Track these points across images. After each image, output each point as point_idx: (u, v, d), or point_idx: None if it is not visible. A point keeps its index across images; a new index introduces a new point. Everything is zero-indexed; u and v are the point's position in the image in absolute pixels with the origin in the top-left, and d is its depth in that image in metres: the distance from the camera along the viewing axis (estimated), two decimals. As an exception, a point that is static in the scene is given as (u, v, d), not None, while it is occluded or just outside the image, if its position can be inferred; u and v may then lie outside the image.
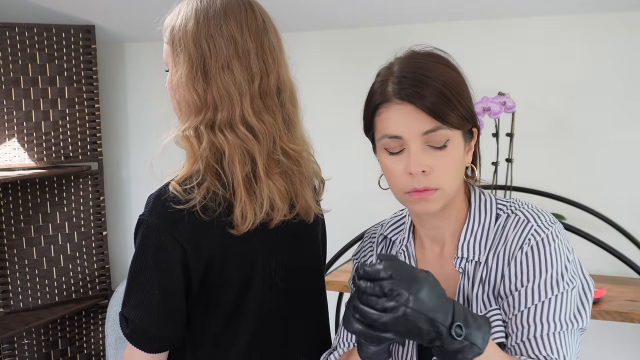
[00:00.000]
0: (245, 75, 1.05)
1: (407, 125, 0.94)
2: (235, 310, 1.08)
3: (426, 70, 0.95)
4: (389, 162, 0.98)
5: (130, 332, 1.04)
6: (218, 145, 1.04)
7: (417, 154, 0.94)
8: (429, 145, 0.95)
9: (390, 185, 1.01)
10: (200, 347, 1.09)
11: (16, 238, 2.67)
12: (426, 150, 0.95)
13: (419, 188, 0.96)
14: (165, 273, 1.02)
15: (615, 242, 1.96)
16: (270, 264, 1.10)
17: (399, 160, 0.96)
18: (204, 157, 1.04)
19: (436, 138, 0.95)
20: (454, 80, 0.97)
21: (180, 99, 1.08)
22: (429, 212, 0.98)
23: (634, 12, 2.11)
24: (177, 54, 1.07)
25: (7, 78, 2.56)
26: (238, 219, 1.03)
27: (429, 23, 2.34)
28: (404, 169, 0.96)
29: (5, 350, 2.64)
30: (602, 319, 1.78)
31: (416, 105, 0.93)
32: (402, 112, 0.94)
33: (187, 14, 1.07)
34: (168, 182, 1.05)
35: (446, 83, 0.95)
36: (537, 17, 2.22)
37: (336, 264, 2.28)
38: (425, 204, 0.97)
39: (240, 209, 1.04)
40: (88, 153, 2.74)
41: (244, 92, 1.04)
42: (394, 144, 0.96)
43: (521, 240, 0.99)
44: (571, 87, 2.20)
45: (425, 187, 0.96)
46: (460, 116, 0.96)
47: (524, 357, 0.94)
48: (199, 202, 1.01)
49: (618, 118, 2.17)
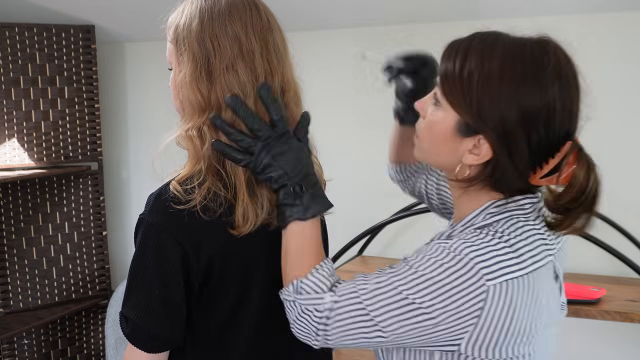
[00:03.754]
0: (249, 75, 1.04)
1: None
2: (235, 310, 1.08)
3: (477, 41, 0.95)
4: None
5: (130, 331, 1.04)
6: None
7: (429, 94, 1.00)
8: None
9: None
10: (201, 347, 1.09)
11: (16, 238, 2.67)
12: (432, 99, 0.99)
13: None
14: (165, 273, 1.02)
15: (615, 242, 1.96)
16: (270, 264, 1.10)
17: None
18: (206, 157, 1.04)
19: (436, 92, 0.97)
20: (485, 60, 0.92)
21: (184, 98, 1.07)
22: (416, 157, 1.06)
23: (634, 12, 2.11)
24: (181, 53, 1.06)
25: (7, 78, 2.56)
26: (240, 220, 1.03)
27: (428, 23, 2.34)
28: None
29: (5, 351, 2.64)
30: (602, 319, 1.78)
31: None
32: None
33: (192, 13, 1.06)
34: (169, 181, 1.05)
35: (472, 56, 0.93)
36: (536, 17, 2.22)
37: (336, 263, 2.28)
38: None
39: (242, 210, 1.03)
40: (88, 153, 2.74)
41: (248, 93, 1.04)
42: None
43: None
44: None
45: (415, 131, 1.03)
46: (456, 96, 0.93)
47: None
48: (199, 202, 1.01)
49: (618, 118, 2.16)
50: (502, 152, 0.92)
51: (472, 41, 0.94)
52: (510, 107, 0.90)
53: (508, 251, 0.91)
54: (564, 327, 2.49)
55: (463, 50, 0.93)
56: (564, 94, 0.93)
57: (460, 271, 0.89)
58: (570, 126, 0.95)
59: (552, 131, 0.93)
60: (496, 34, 0.95)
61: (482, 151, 0.93)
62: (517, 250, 0.92)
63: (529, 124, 0.91)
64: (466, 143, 0.94)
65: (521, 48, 0.92)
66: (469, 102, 0.92)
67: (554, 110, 0.92)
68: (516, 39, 0.95)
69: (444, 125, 0.95)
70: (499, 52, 0.92)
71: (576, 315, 1.80)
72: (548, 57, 0.93)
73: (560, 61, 0.94)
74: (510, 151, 0.92)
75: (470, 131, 0.93)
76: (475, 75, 0.91)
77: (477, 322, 0.90)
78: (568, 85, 0.94)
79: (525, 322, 0.93)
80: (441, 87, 0.95)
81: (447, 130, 0.95)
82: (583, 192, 0.93)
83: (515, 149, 0.92)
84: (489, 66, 0.91)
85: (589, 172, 0.93)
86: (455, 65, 0.93)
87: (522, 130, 0.91)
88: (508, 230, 0.94)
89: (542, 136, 0.92)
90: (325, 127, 1.59)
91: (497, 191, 0.98)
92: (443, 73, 0.95)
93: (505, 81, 0.90)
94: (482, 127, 0.92)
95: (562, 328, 2.52)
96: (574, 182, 0.93)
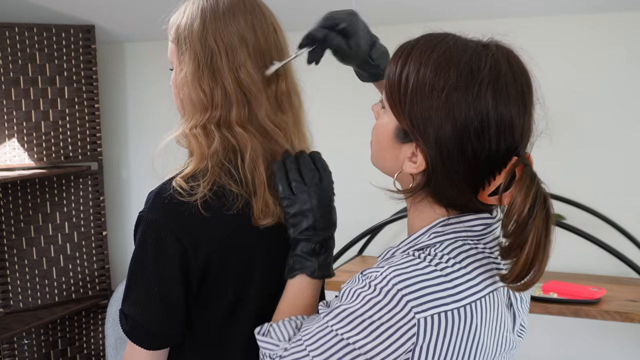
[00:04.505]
0: (259, 75, 1.06)
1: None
2: (235, 307, 1.08)
3: (419, 44, 0.90)
4: None
5: (129, 329, 1.04)
6: (234, 143, 1.05)
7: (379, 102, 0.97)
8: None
9: None
10: (201, 344, 1.09)
11: (16, 238, 2.67)
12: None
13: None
14: (165, 270, 1.02)
15: (615, 242, 1.96)
16: (269, 262, 1.10)
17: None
18: (214, 155, 1.05)
19: (383, 96, 0.94)
20: (422, 63, 0.87)
21: (185, 97, 1.08)
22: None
23: (634, 12, 2.11)
24: (182, 53, 1.07)
25: (7, 78, 2.56)
26: (259, 213, 1.05)
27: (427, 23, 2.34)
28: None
29: (5, 351, 2.64)
30: (602, 319, 1.78)
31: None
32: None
33: (193, 13, 1.07)
34: (169, 179, 1.05)
35: (412, 58, 0.88)
36: (536, 17, 2.22)
37: (336, 263, 2.28)
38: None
39: (263, 203, 1.05)
40: (88, 153, 2.74)
41: (261, 91, 1.05)
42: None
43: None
44: (571, 87, 2.20)
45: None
46: (393, 101, 0.90)
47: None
48: (200, 199, 1.01)
49: (618, 118, 2.17)
50: (437, 162, 0.87)
51: (416, 44, 0.90)
52: (440, 115, 0.85)
53: (442, 281, 0.84)
54: (564, 327, 2.50)
55: (406, 54, 0.89)
56: (500, 105, 0.85)
57: (388, 306, 0.83)
58: (512, 140, 0.86)
59: (489, 144, 0.85)
60: (443, 36, 0.90)
61: (419, 160, 0.88)
62: (453, 280, 0.84)
63: (460, 134, 0.84)
64: (405, 150, 0.90)
65: (460, 53, 0.86)
66: (404, 108, 0.87)
67: (487, 121, 0.84)
68: (461, 43, 0.88)
69: (386, 129, 0.92)
70: (436, 57, 0.86)
71: (576, 315, 1.80)
72: (485, 65, 0.85)
73: (500, 69, 0.86)
74: (444, 161, 0.86)
75: (407, 137, 0.89)
76: (411, 81, 0.87)
77: (411, 357, 0.83)
78: (507, 96, 0.85)
79: (466, 355, 0.85)
80: (385, 91, 0.92)
81: (388, 135, 0.92)
82: (523, 224, 0.82)
83: (449, 159, 0.86)
84: (423, 72, 0.86)
85: (529, 191, 0.82)
86: (397, 69, 0.89)
87: (455, 141, 0.85)
88: (447, 256, 0.87)
89: (476, 149, 0.85)
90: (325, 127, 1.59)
91: (441, 205, 0.91)
92: (387, 76, 0.91)
93: (437, 89, 0.85)
94: (414, 134, 0.87)
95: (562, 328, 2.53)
96: (512, 202, 0.82)
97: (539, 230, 0.82)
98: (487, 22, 2.28)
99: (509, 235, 0.83)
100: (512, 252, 0.84)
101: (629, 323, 1.88)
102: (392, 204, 1.05)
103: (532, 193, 0.82)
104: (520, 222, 0.82)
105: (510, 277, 0.84)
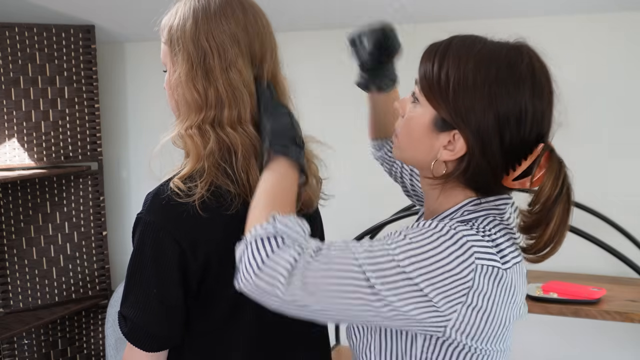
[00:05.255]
0: (250, 74, 1.06)
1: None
2: (234, 307, 1.08)
3: (454, 45, 0.98)
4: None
5: (128, 331, 1.04)
6: (228, 142, 1.05)
7: (406, 97, 1.04)
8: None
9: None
10: (200, 345, 1.09)
11: (16, 238, 2.67)
12: (411, 99, 1.02)
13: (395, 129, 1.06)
14: (163, 271, 1.02)
15: (615, 242, 1.96)
16: None
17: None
18: (210, 155, 1.04)
19: (414, 90, 1.01)
20: (462, 62, 0.95)
21: (179, 98, 1.08)
22: (395, 156, 1.07)
23: (633, 12, 2.11)
24: (175, 54, 1.07)
25: (7, 78, 2.56)
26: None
27: (427, 23, 2.34)
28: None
29: (5, 351, 2.64)
30: (602, 319, 1.78)
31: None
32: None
33: (185, 14, 1.07)
34: (167, 180, 1.05)
35: (450, 57, 0.96)
36: (535, 17, 2.22)
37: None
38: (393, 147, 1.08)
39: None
40: (88, 153, 2.74)
41: (252, 91, 1.06)
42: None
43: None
44: (571, 87, 2.20)
45: (395, 131, 1.06)
46: (434, 94, 0.96)
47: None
48: (198, 199, 1.01)
49: (618, 117, 2.17)
50: (476, 148, 0.95)
51: (450, 43, 0.98)
52: (484, 106, 0.93)
53: (490, 245, 0.93)
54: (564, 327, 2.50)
55: (442, 52, 0.97)
56: (535, 97, 0.96)
57: (454, 246, 0.90)
58: (541, 129, 0.97)
59: (524, 132, 0.95)
60: (474, 37, 0.98)
61: (457, 147, 0.96)
62: (498, 246, 0.94)
63: (501, 123, 0.94)
64: (442, 138, 0.97)
65: (497, 52, 0.96)
66: (446, 98, 0.95)
67: (525, 112, 0.94)
68: (493, 42, 0.98)
69: (421, 120, 0.99)
70: (475, 55, 0.95)
71: (576, 315, 1.80)
72: (522, 61, 0.96)
73: (534, 65, 0.97)
74: (484, 147, 0.94)
75: (446, 126, 0.96)
76: (453, 75, 0.95)
77: (464, 302, 0.89)
78: (540, 89, 0.97)
79: (503, 313, 0.94)
80: (420, 86, 0.99)
81: (424, 125, 0.98)
82: (551, 205, 0.92)
83: (489, 145, 0.94)
84: (465, 68, 0.94)
85: (558, 176, 0.93)
86: (434, 65, 0.96)
87: (495, 129, 0.94)
88: (487, 227, 0.96)
89: (514, 136, 0.94)
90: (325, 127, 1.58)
91: (471, 189, 1.00)
92: (422, 73, 0.98)
93: (480, 83, 0.94)
94: (457, 121, 0.95)
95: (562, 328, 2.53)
96: (543, 186, 0.93)
97: (563, 211, 0.93)
98: (487, 22, 2.28)
99: (536, 213, 0.93)
100: (535, 229, 0.94)
101: (629, 323, 1.88)
102: (392, 204, 1.05)
103: (561, 178, 0.93)
104: (549, 203, 0.92)
105: (532, 250, 0.96)
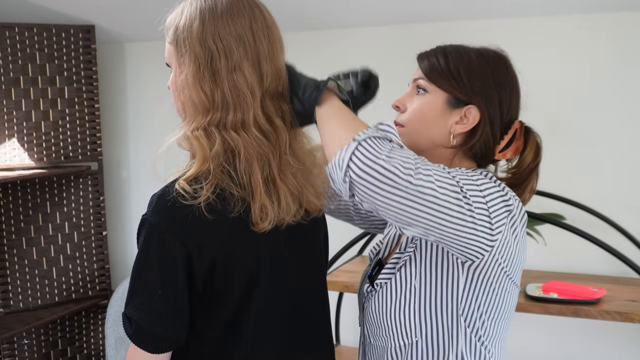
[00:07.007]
0: (256, 76, 1.05)
1: (414, 76, 1.23)
2: (239, 310, 1.07)
3: (448, 47, 1.20)
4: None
5: (133, 332, 1.04)
6: (233, 145, 1.04)
7: (404, 95, 1.22)
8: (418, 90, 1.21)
9: None
10: (204, 347, 1.09)
11: (16, 238, 2.67)
12: (412, 95, 1.21)
13: (395, 121, 1.20)
14: (169, 273, 1.02)
15: (615, 242, 1.96)
16: (275, 264, 1.09)
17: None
18: (215, 157, 1.04)
19: (420, 83, 1.20)
20: (464, 57, 1.17)
21: (186, 99, 1.07)
22: (405, 144, 1.16)
23: (633, 12, 2.11)
24: (182, 55, 1.06)
25: (7, 78, 2.56)
26: (257, 217, 1.04)
27: (426, 23, 2.34)
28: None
29: (5, 351, 2.64)
30: (602, 319, 1.78)
31: (419, 63, 1.22)
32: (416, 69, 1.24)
33: (192, 14, 1.06)
34: (172, 181, 1.04)
35: (451, 55, 1.17)
36: (535, 17, 2.22)
37: (336, 263, 2.28)
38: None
39: (260, 207, 1.04)
40: (88, 153, 2.74)
41: (256, 94, 1.05)
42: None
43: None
44: (571, 87, 2.20)
45: (396, 122, 1.20)
46: (446, 80, 1.16)
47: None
48: (204, 201, 1.01)
49: (618, 117, 2.17)
50: (485, 119, 1.16)
51: (442, 46, 1.20)
52: (490, 85, 1.17)
53: (503, 185, 1.13)
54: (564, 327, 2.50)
55: (441, 52, 1.19)
56: (517, 82, 1.22)
57: (490, 182, 1.09)
58: (517, 108, 1.22)
59: (515, 108, 1.21)
60: (457, 44, 1.21)
61: (470, 119, 1.16)
62: (505, 188, 1.12)
63: (501, 99, 1.17)
64: (455, 115, 1.17)
65: (483, 49, 1.21)
66: (460, 81, 1.16)
67: (517, 89, 1.21)
68: (477, 46, 1.21)
69: (434, 104, 1.18)
70: (469, 50, 1.19)
71: (576, 315, 1.80)
72: (504, 57, 1.22)
73: (509, 60, 1.22)
74: (491, 118, 1.17)
75: (459, 103, 1.17)
76: (460, 63, 1.17)
77: (506, 223, 1.06)
78: (516, 77, 1.22)
79: (521, 258, 1.13)
80: (428, 77, 1.18)
81: (438, 107, 1.18)
82: (533, 168, 1.20)
83: (494, 117, 1.17)
84: (468, 57, 1.18)
85: (538, 151, 1.21)
86: (439, 59, 1.18)
87: (497, 103, 1.17)
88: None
89: (511, 110, 1.19)
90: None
91: (473, 160, 1.20)
92: (428, 67, 1.19)
93: (484, 66, 1.17)
94: (473, 97, 1.16)
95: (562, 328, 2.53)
96: (525, 157, 1.20)
97: (537, 169, 1.22)
98: (487, 22, 2.28)
99: (520, 174, 1.20)
100: (520, 184, 1.21)
101: (629, 323, 1.87)
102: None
103: (539, 148, 1.21)
104: (532, 167, 1.20)
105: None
